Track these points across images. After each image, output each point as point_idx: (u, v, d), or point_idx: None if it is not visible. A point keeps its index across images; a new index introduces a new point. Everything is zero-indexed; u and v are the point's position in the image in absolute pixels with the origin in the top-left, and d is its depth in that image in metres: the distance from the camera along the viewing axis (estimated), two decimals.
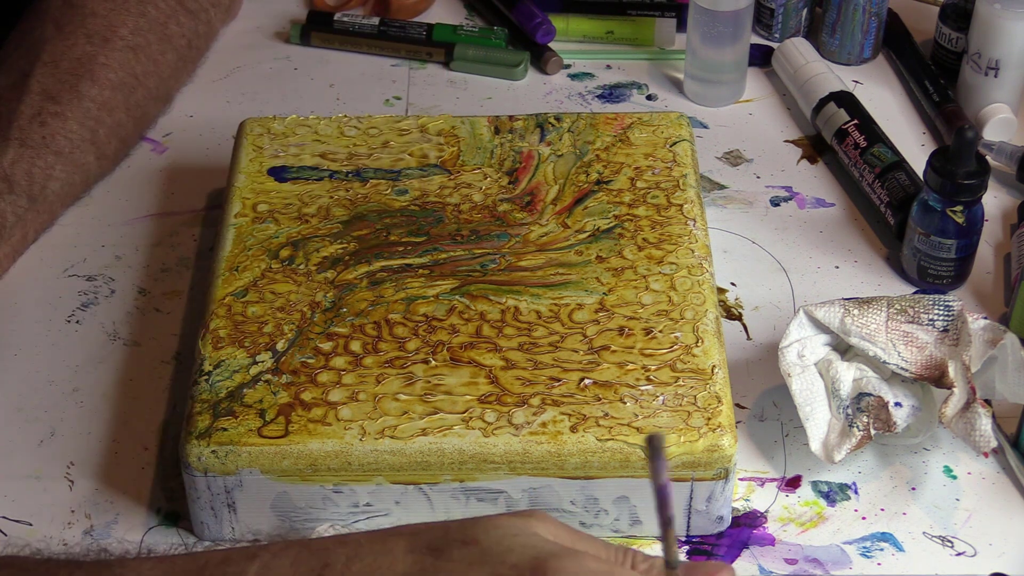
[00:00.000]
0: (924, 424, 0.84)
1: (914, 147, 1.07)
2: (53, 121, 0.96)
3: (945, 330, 0.84)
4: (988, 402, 0.85)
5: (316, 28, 1.17)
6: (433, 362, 0.82)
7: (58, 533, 0.82)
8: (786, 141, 1.09)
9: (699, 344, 0.83)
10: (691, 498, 0.80)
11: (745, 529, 0.83)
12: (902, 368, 0.83)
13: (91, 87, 0.98)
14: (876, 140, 1.03)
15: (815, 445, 0.83)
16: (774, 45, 1.15)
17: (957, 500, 0.84)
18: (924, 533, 0.83)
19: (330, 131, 0.96)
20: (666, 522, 0.61)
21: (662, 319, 0.84)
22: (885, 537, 0.82)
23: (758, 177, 1.05)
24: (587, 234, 0.89)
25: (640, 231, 0.89)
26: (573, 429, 0.78)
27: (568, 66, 1.16)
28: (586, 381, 0.81)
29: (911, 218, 0.95)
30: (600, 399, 0.80)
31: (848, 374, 0.84)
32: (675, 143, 0.96)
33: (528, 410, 0.79)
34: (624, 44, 1.17)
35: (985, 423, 0.80)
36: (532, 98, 1.13)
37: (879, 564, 0.81)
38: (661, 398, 0.80)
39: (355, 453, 0.78)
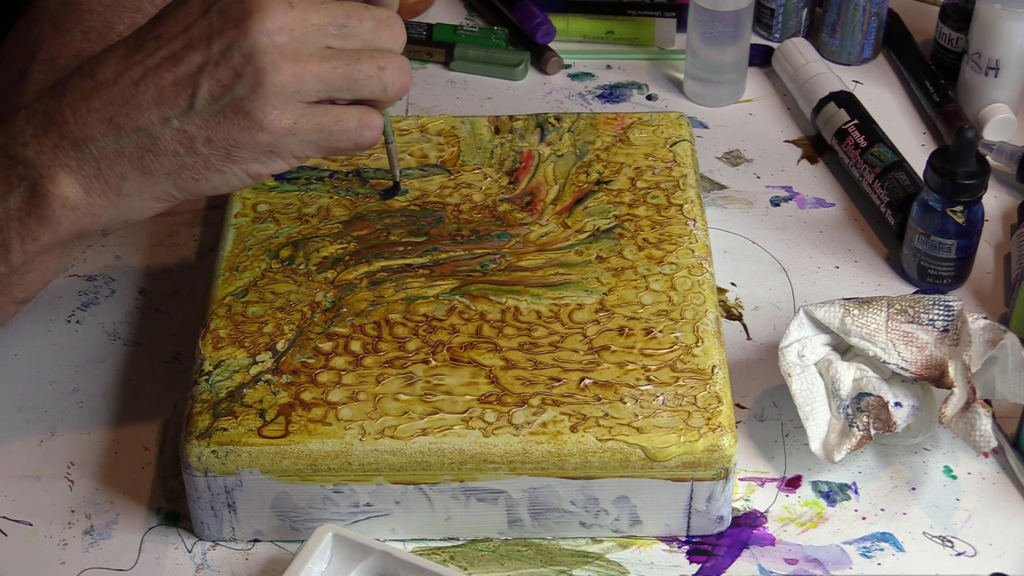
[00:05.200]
0: (924, 424, 0.84)
1: (914, 147, 1.07)
2: None
3: (945, 330, 0.84)
4: (988, 402, 0.85)
5: None
6: (433, 362, 0.82)
7: (58, 533, 0.83)
8: (786, 141, 1.09)
9: (699, 344, 0.83)
10: (691, 498, 0.80)
11: (745, 529, 0.83)
12: (902, 368, 0.83)
13: None
14: (876, 140, 1.03)
15: (815, 445, 0.83)
16: (774, 45, 1.15)
17: (957, 500, 0.84)
18: (924, 533, 0.83)
19: None
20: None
21: (662, 319, 0.84)
22: (885, 537, 0.82)
23: (758, 177, 1.05)
24: (587, 234, 0.89)
25: (640, 231, 0.89)
26: (573, 429, 0.78)
27: (568, 66, 1.16)
28: (586, 381, 0.81)
29: (911, 218, 0.95)
30: (600, 399, 0.80)
31: (848, 374, 0.84)
32: (675, 143, 0.96)
33: (528, 410, 0.79)
34: (624, 44, 1.17)
35: (985, 423, 0.80)
36: (532, 98, 1.13)
37: (879, 564, 0.81)
38: (661, 398, 0.80)
39: (355, 453, 0.78)
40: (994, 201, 1.03)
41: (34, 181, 0.74)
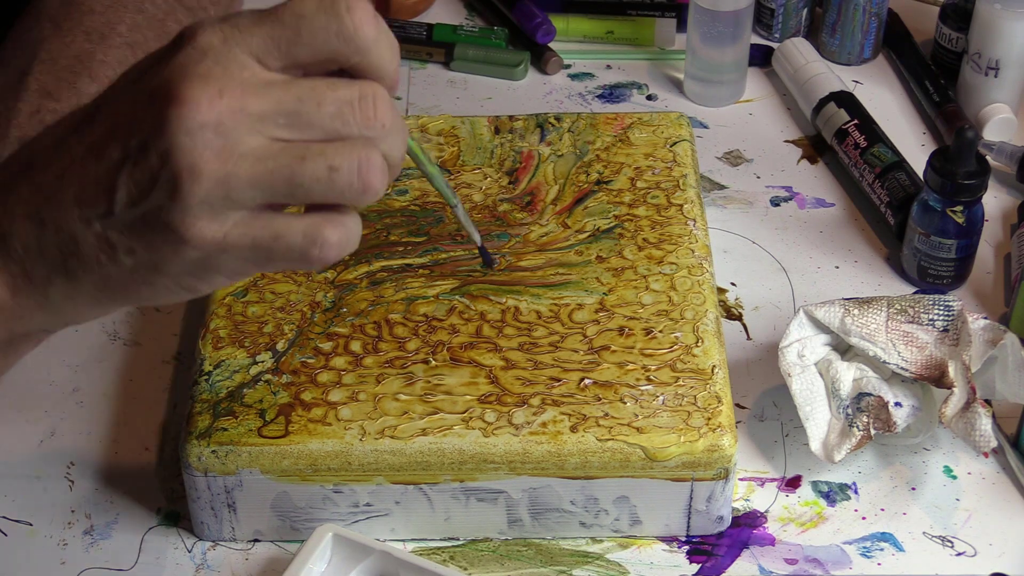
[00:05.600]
0: (924, 424, 0.84)
1: (914, 147, 1.07)
2: (52, 119, 0.96)
3: (945, 330, 0.84)
4: (988, 402, 0.85)
5: None
6: (433, 362, 0.82)
7: (58, 533, 0.83)
8: (786, 141, 1.09)
9: (699, 344, 0.83)
10: (691, 498, 0.80)
11: (745, 529, 0.83)
12: (902, 368, 0.83)
13: (89, 84, 0.98)
14: (876, 140, 1.03)
15: (815, 445, 0.83)
16: (774, 45, 1.15)
17: (957, 500, 0.84)
18: (924, 533, 0.83)
19: None
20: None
21: (662, 319, 0.84)
22: (885, 537, 0.82)
23: (758, 177, 1.05)
24: (587, 234, 0.89)
25: (640, 231, 0.89)
26: (573, 429, 0.78)
27: (568, 66, 1.16)
28: (586, 381, 0.81)
29: (911, 218, 0.95)
30: (600, 399, 0.80)
31: (848, 374, 0.84)
32: (675, 143, 0.96)
33: (528, 410, 0.79)
34: (624, 44, 1.17)
35: (985, 423, 0.80)
36: (532, 98, 1.13)
37: (879, 564, 0.81)
38: (661, 398, 0.80)
39: (355, 453, 0.78)
40: (994, 201, 1.03)
41: None
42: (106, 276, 0.62)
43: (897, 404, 0.82)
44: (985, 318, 0.84)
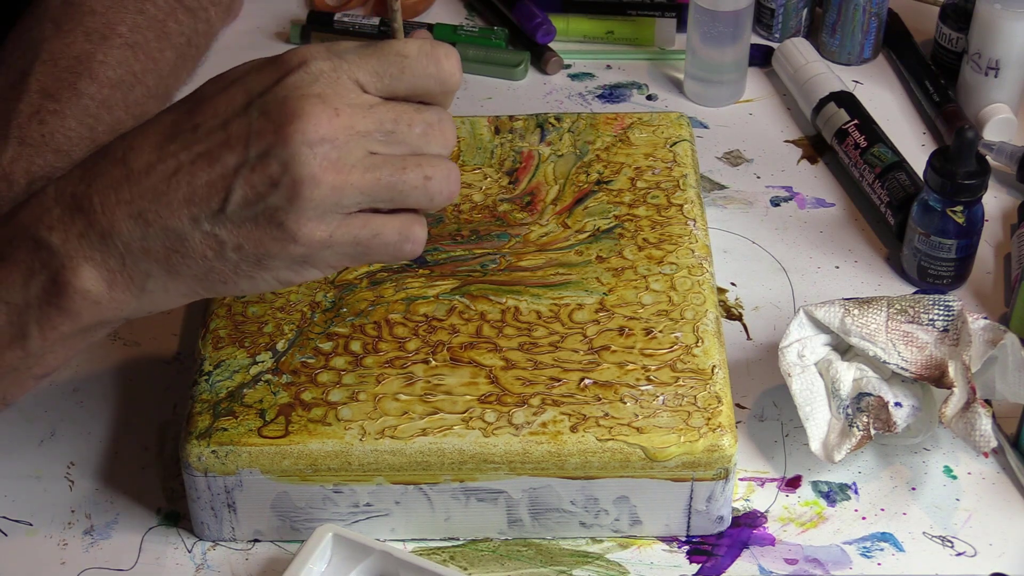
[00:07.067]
0: (924, 424, 0.84)
1: (914, 147, 1.07)
2: (52, 119, 0.96)
3: (945, 330, 0.84)
4: (988, 402, 0.85)
5: (316, 28, 1.17)
6: (433, 362, 0.82)
7: (58, 533, 0.83)
8: (786, 141, 1.09)
9: (699, 344, 0.83)
10: (691, 498, 0.80)
11: (745, 529, 0.83)
12: (902, 368, 0.83)
13: (90, 85, 0.98)
14: (876, 140, 1.03)
15: (815, 445, 0.83)
16: (774, 45, 1.15)
17: (957, 500, 0.84)
18: (924, 533, 0.83)
19: None
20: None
21: (662, 319, 0.84)
22: (885, 537, 0.82)
23: (758, 177, 1.05)
24: (587, 234, 0.89)
25: (640, 231, 0.89)
26: (573, 429, 0.78)
27: (568, 66, 1.16)
28: (586, 381, 0.81)
29: (911, 218, 0.95)
30: (600, 399, 0.80)
31: (848, 374, 0.84)
32: (675, 143, 0.96)
33: (528, 410, 0.79)
34: (624, 44, 1.17)
35: (985, 423, 0.80)
36: (532, 98, 1.13)
37: (879, 564, 0.81)
38: (661, 398, 0.80)
39: (355, 453, 0.78)
40: (994, 201, 1.03)
41: (56, 271, 0.70)
42: (208, 270, 0.70)
43: (897, 404, 0.83)
44: (985, 318, 0.84)
